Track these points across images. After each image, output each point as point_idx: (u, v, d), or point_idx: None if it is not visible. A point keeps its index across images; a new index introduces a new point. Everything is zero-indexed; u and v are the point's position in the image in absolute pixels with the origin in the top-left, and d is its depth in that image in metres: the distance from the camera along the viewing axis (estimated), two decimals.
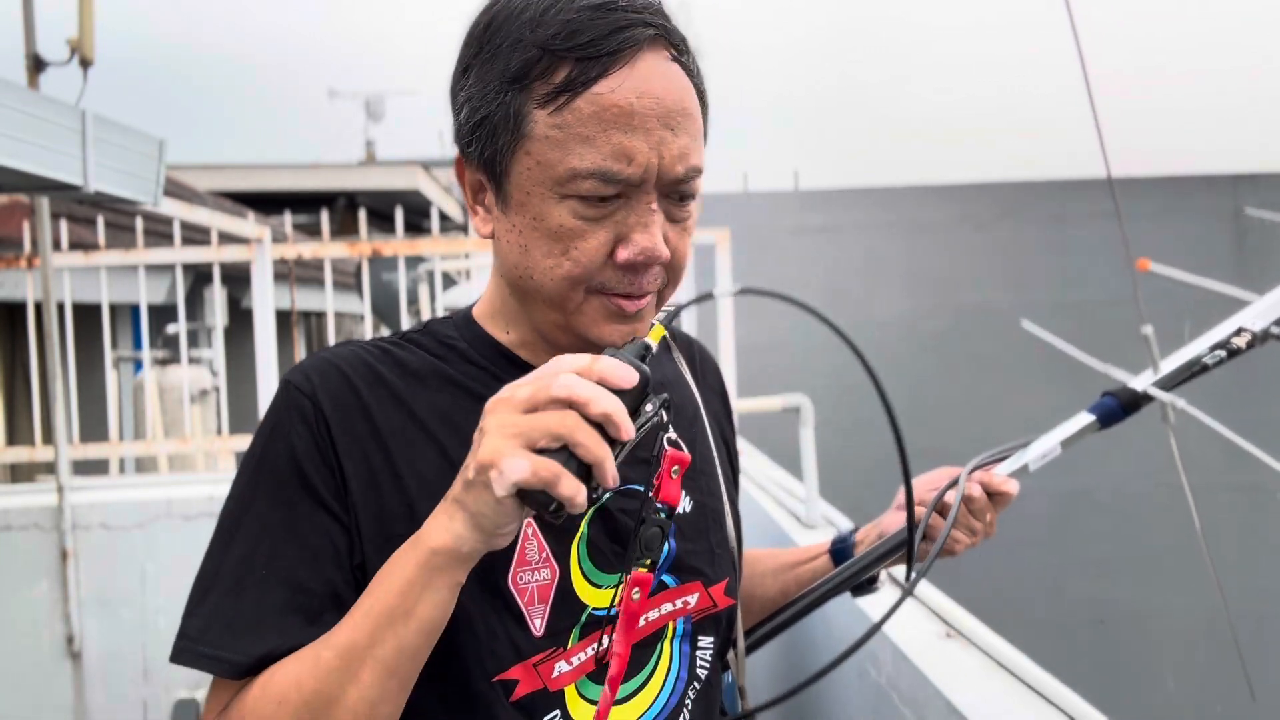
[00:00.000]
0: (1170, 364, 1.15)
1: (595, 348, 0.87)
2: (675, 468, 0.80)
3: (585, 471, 0.69)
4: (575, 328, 0.87)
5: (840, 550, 1.22)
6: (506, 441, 0.69)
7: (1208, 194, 7.88)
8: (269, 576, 0.82)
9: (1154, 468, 6.66)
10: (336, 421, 0.86)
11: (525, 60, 0.82)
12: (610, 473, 0.70)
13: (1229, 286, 1.26)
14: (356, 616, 0.77)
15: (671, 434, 0.77)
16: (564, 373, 0.70)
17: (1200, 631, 6.60)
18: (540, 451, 0.69)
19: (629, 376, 0.71)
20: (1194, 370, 1.14)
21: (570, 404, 0.69)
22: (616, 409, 0.69)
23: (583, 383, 0.69)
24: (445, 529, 0.74)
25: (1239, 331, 1.13)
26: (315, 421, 0.86)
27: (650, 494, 0.80)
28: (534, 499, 0.70)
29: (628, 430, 0.70)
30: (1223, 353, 1.13)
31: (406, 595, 0.75)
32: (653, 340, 0.76)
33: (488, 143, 0.85)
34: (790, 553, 1.28)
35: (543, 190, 0.83)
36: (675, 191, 0.85)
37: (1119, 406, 1.15)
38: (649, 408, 0.73)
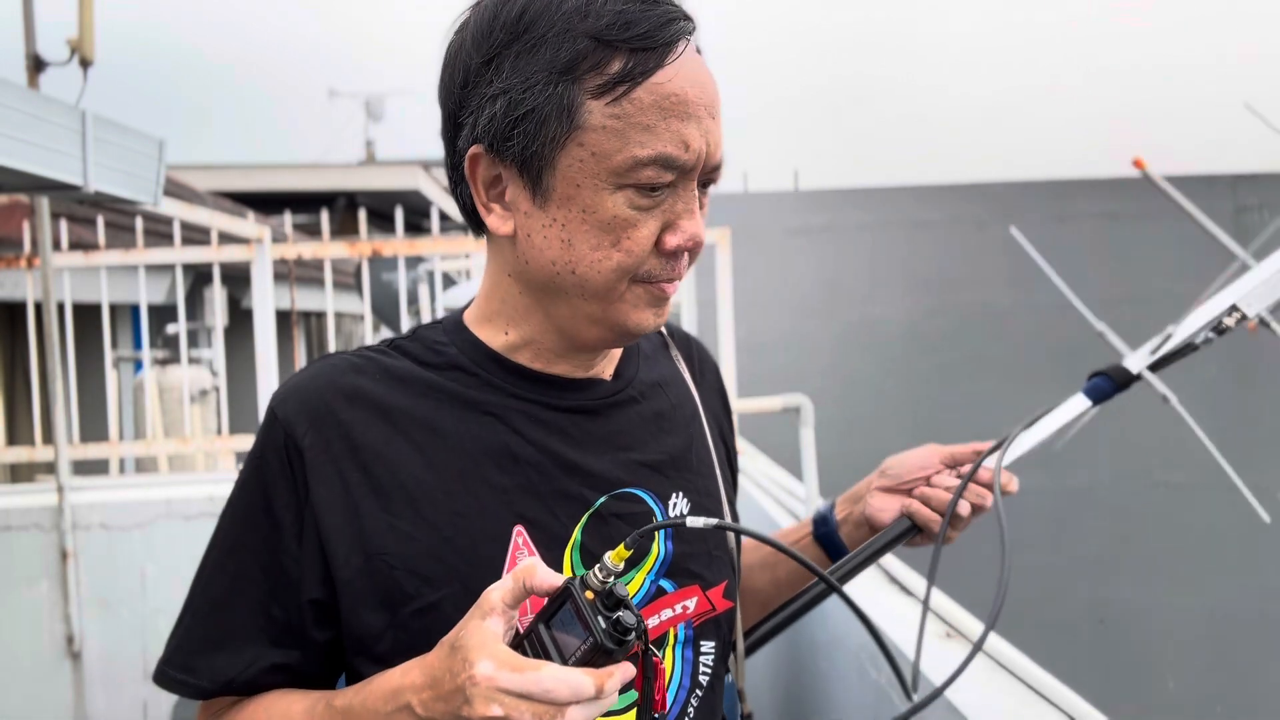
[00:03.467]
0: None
1: (627, 335, 0.89)
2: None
3: None
4: (613, 316, 0.87)
5: (825, 533, 1.20)
6: None
7: (1208, 194, 7.87)
8: (235, 603, 0.88)
9: (1153, 467, 6.66)
10: (310, 445, 0.87)
11: (576, 51, 0.81)
12: None
13: (1222, 233, 1.24)
14: None
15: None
16: (573, 706, 0.70)
17: (1200, 631, 6.60)
18: None
19: (628, 674, 0.73)
20: (1183, 349, 1.15)
21: None
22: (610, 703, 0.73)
23: (589, 712, 0.71)
24: None
25: (1231, 311, 1.13)
26: (286, 448, 0.87)
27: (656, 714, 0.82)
28: None
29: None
30: (1211, 332, 1.13)
31: None
32: (615, 561, 0.74)
33: (534, 136, 0.83)
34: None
35: (595, 181, 0.83)
36: (707, 180, 0.88)
37: (1110, 383, 1.17)
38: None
